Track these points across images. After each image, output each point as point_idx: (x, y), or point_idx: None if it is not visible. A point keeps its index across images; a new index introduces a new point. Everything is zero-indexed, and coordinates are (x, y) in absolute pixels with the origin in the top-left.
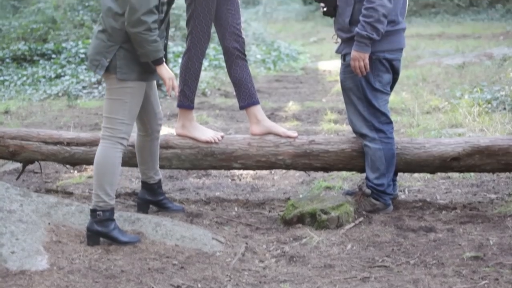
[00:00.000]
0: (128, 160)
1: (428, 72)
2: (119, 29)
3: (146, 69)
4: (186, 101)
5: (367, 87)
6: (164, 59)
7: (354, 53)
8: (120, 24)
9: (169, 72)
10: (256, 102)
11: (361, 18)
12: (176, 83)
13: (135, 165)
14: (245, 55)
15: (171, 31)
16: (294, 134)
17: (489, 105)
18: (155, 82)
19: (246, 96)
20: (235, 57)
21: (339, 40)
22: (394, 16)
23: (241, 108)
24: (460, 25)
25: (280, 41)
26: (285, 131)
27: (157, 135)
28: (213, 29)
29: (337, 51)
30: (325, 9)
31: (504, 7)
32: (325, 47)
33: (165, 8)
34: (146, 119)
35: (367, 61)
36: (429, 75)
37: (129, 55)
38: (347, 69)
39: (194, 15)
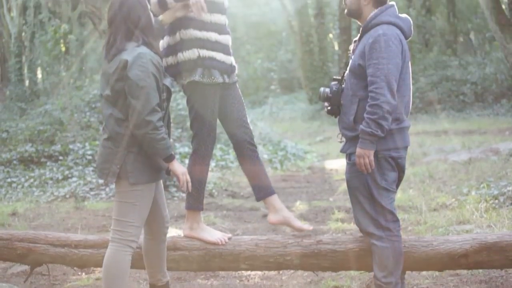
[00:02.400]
0: (136, 262)
1: (435, 169)
2: (124, 134)
3: (155, 170)
4: (194, 202)
5: (373, 186)
6: (175, 155)
7: (359, 150)
8: (124, 129)
9: (181, 168)
10: (272, 192)
11: (365, 115)
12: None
13: (143, 267)
14: (256, 146)
15: (178, 131)
16: (310, 227)
17: (496, 201)
18: (162, 184)
19: (262, 187)
20: (246, 150)
21: (344, 139)
22: (398, 114)
23: (258, 199)
24: (465, 121)
25: (287, 141)
26: (300, 225)
27: (164, 238)
28: (219, 129)
29: (342, 151)
30: (329, 108)
31: (509, 102)
32: (331, 146)
33: (165, 105)
34: (154, 222)
35: (372, 158)
36: (435, 172)
37: (139, 158)
38: (353, 168)
39: (197, 117)
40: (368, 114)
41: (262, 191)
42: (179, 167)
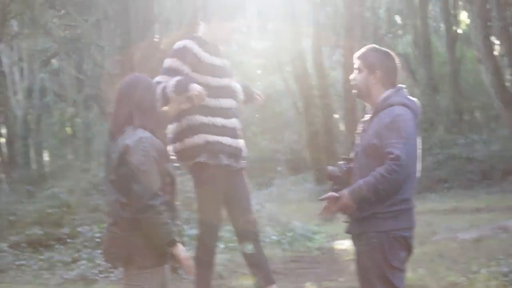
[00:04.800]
0: None
1: (444, 248)
2: (129, 218)
3: (162, 253)
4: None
5: (385, 266)
6: (177, 240)
7: (347, 200)
8: (129, 213)
9: (184, 252)
10: (272, 282)
11: (372, 177)
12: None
13: None
14: (258, 235)
15: (186, 213)
16: None
17: (507, 279)
18: (168, 266)
19: (261, 276)
20: (248, 238)
21: (348, 219)
22: (408, 194)
23: None
24: (473, 199)
25: (295, 222)
26: None
27: None
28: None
29: (349, 231)
30: (336, 187)
31: None
32: (340, 226)
33: (168, 189)
34: None
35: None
36: (445, 250)
37: (145, 242)
38: (364, 249)
39: (202, 200)
40: (375, 178)
41: (262, 280)
42: (182, 252)
